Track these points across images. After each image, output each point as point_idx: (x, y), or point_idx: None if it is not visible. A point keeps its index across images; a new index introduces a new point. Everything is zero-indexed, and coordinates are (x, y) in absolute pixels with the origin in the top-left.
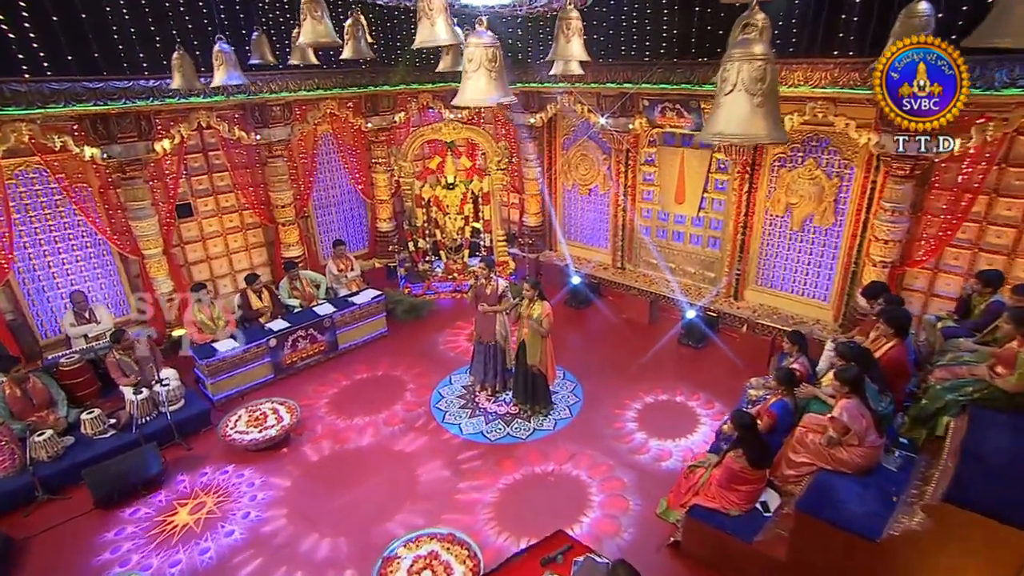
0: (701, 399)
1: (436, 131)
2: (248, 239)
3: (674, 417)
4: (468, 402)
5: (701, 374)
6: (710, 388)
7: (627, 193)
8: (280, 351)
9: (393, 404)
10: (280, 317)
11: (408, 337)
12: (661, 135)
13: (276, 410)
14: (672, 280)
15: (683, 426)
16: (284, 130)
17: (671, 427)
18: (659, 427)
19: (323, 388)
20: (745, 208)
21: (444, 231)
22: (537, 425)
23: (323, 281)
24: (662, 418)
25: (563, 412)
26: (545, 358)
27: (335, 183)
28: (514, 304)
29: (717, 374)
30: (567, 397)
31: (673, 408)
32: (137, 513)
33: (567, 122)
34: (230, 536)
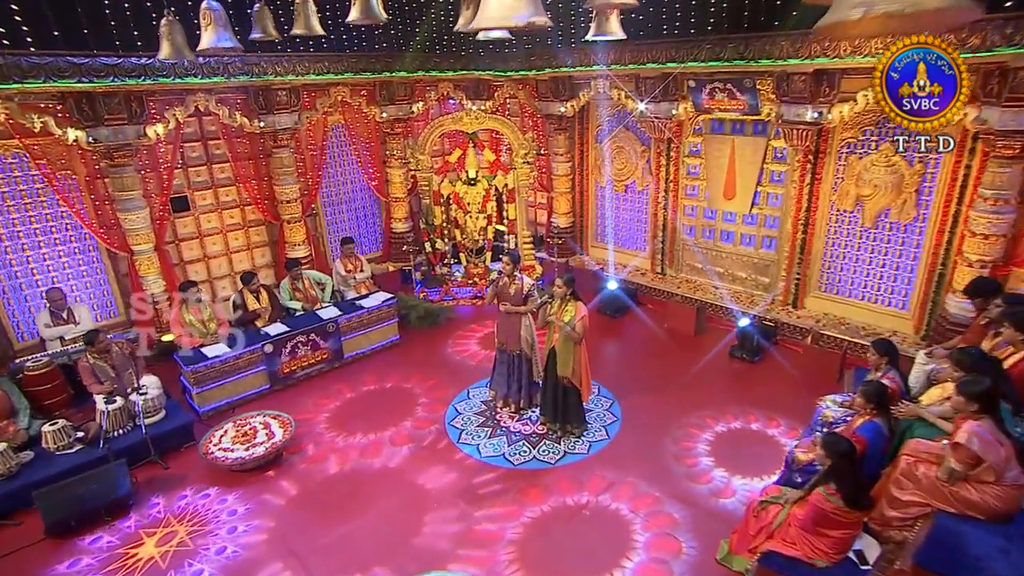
0: (782, 426)
1: (456, 121)
2: (250, 237)
3: (748, 445)
4: (488, 420)
5: (759, 392)
6: (774, 407)
7: (669, 189)
8: (277, 358)
9: (402, 420)
10: (279, 321)
11: (422, 346)
12: (708, 122)
13: (268, 425)
14: (721, 286)
15: (760, 457)
16: (290, 117)
17: (743, 457)
18: (726, 455)
19: (324, 401)
20: (807, 203)
21: (464, 231)
22: (568, 448)
23: (328, 282)
24: (729, 444)
25: (599, 433)
26: (579, 369)
27: (346, 178)
28: (542, 303)
29: (779, 392)
30: (603, 416)
31: (745, 434)
32: (98, 542)
33: (602, 111)
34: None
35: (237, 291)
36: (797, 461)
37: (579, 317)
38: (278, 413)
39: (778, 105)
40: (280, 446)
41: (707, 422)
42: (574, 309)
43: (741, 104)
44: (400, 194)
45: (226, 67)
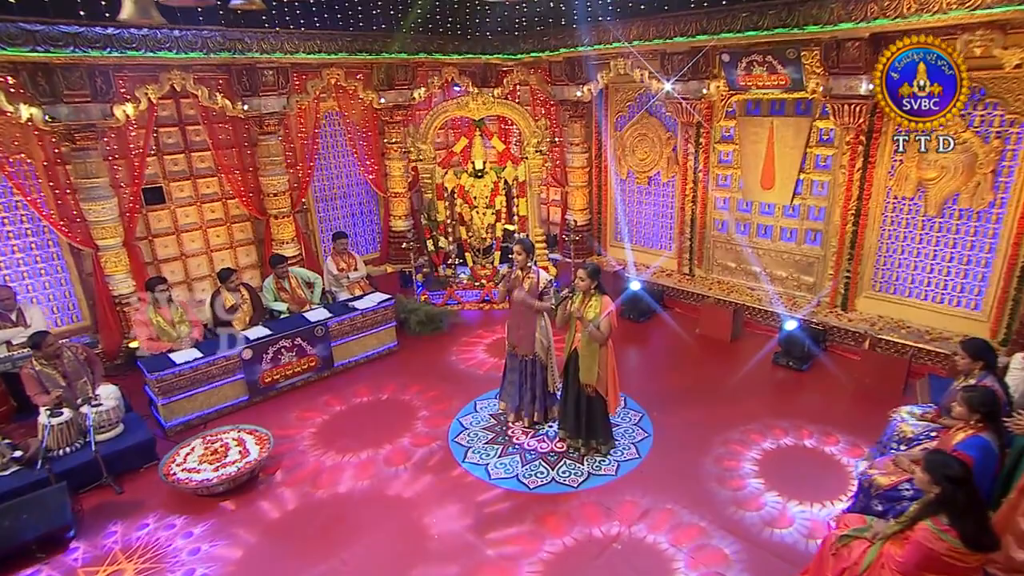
0: (842, 442)
1: (462, 107)
2: (233, 234)
3: (802, 465)
4: (498, 436)
5: (811, 403)
6: (830, 421)
7: (697, 180)
8: (257, 366)
9: (399, 437)
10: (260, 323)
11: (423, 353)
12: (742, 103)
13: (242, 441)
14: (766, 287)
15: (818, 478)
16: (278, 101)
17: (799, 479)
18: (777, 476)
19: (310, 414)
20: (858, 190)
21: (470, 229)
22: (593, 468)
23: (318, 282)
24: (780, 464)
25: (628, 451)
26: (605, 375)
27: (341, 171)
28: (563, 298)
29: (834, 404)
30: (631, 431)
31: (798, 452)
32: None
33: (622, 95)
34: None
35: (214, 290)
36: (876, 485)
37: (605, 313)
38: (255, 428)
39: (826, 78)
40: (255, 466)
41: (752, 438)
42: (599, 304)
43: (782, 79)
44: (400, 189)
45: (205, 42)
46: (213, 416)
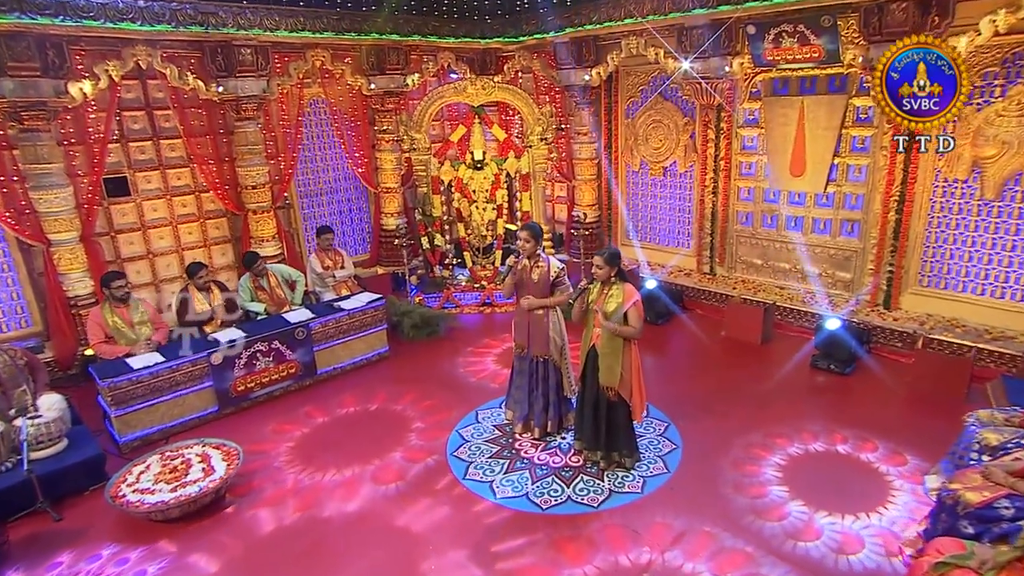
0: (881, 451)
1: (459, 92)
2: (207, 231)
3: (867, 481)
4: (504, 449)
5: (861, 410)
6: (891, 429)
7: (719, 169)
8: (229, 372)
9: (390, 451)
10: (234, 325)
11: (417, 360)
12: (768, 82)
13: (207, 457)
14: (797, 285)
15: (860, 490)
16: (257, 83)
17: (862, 495)
18: (832, 492)
19: (288, 427)
20: (902, 174)
21: (469, 226)
22: (615, 486)
23: (301, 280)
24: (821, 478)
25: (655, 466)
26: (629, 377)
27: (328, 164)
28: (581, 290)
29: (889, 411)
30: (656, 443)
31: (838, 463)
32: None
33: (634, 78)
34: None
35: (181, 287)
36: (965, 503)
37: (630, 303)
38: (222, 442)
39: (865, 48)
40: (221, 485)
41: (797, 449)
42: (620, 294)
43: (815, 51)
44: (392, 184)
45: (174, 14)
46: (177, 429)
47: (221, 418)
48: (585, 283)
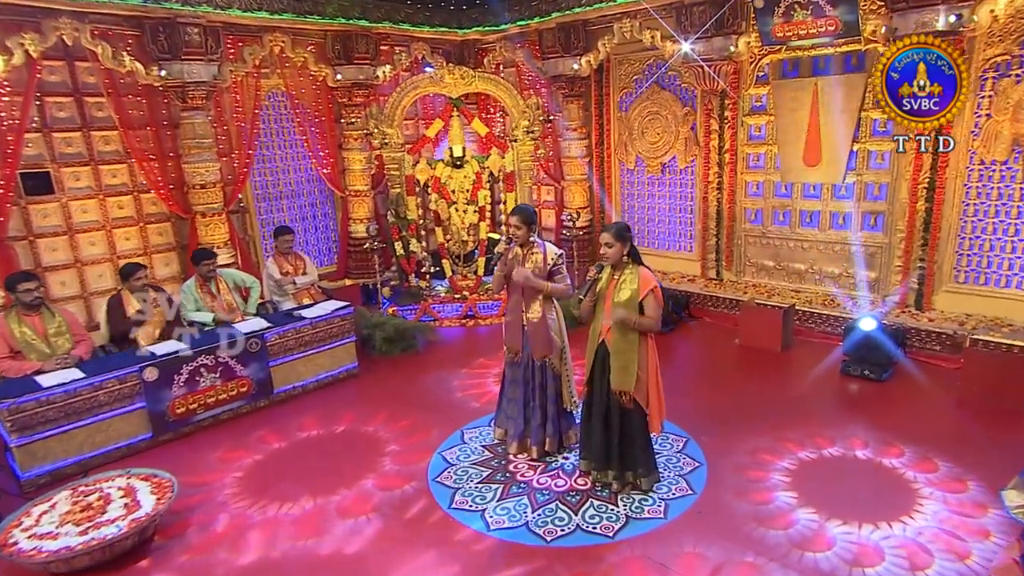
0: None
1: (436, 82)
2: (148, 237)
3: (895, 493)
4: (496, 472)
5: (911, 422)
6: (946, 442)
7: (723, 162)
8: (166, 391)
9: (360, 479)
10: (173, 336)
11: (391, 377)
12: (777, 63)
13: (131, 491)
14: (816, 288)
15: (931, 511)
16: (206, 69)
17: (893, 506)
18: (867, 509)
19: (237, 454)
20: (931, 158)
21: (449, 230)
22: (633, 511)
23: (256, 287)
24: (871, 495)
25: (676, 486)
26: (645, 378)
27: (289, 164)
28: (590, 284)
29: (942, 421)
30: (675, 460)
31: (887, 479)
32: None
33: (627, 67)
34: None
35: (113, 294)
36: None
37: (646, 291)
38: (153, 472)
39: (888, 17)
40: (147, 524)
41: (839, 464)
42: (635, 279)
43: (831, 23)
44: (361, 186)
45: None
46: (98, 461)
47: (156, 446)
48: (594, 273)
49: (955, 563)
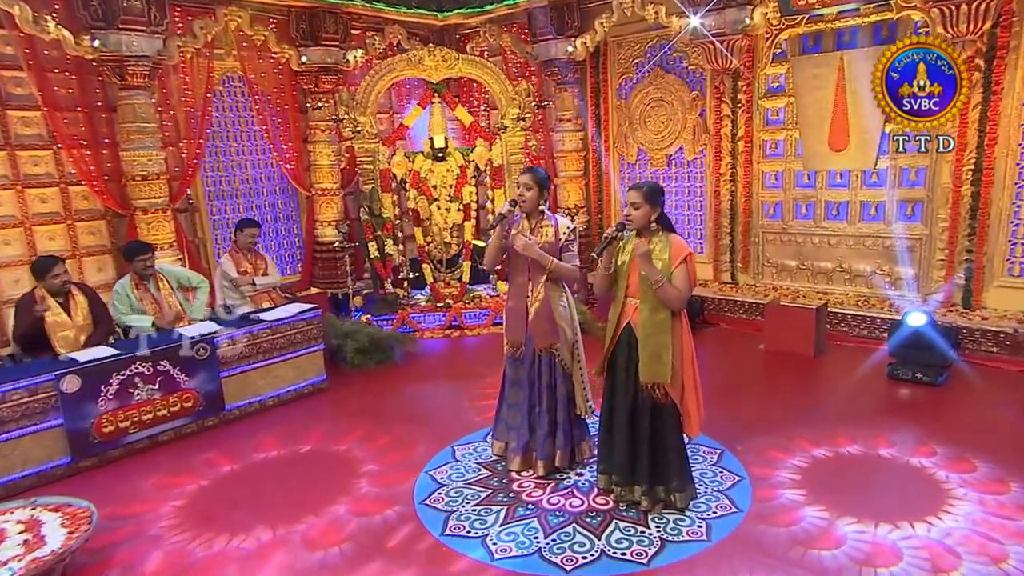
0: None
1: (415, 64)
2: (77, 237)
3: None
4: (498, 492)
5: (985, 429)
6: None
7: (737, 151)
8: (90, 406)
9: (331, 503)
10: (102, 342)
11: (366, 391)
12: (796, 38)
13: (35, 524)
14: (847, 289)
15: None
16: (149, 42)
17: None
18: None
19: (177, 480)
20: (977, 136)
21: (430, 231)
22: (666, 532)
23: (204, 287)
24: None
25: (717, 503)
26: (681, 368)
27: (246, 158)
28: (608, 241)
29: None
30: (711, 474)
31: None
32: None
33: (627, 51)
34: None
35: (25, 293)
36: None
37: (678, 260)
38: (66, 502)
39: None
40: (53, 564)
41: (907, 476)
42: (666, 247)
43: None
44: (329, 184)
45: None
46: None
47: (76, 473)
48: (614, 230)
49: (988, 566)
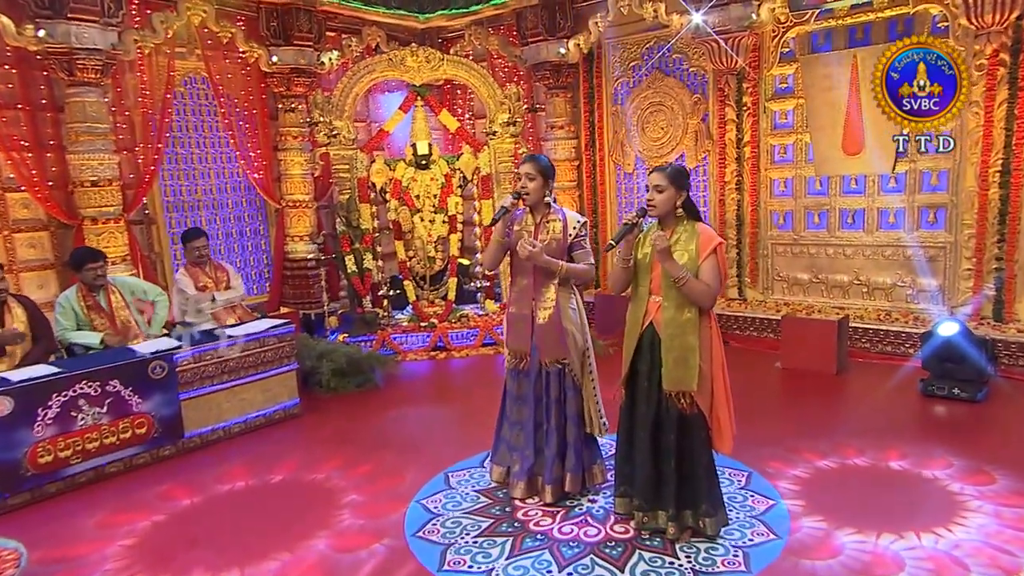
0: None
1: (396, 65)
2: (15, 250)
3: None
4: (502, 521)
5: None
6: None
7: (743, 158)
8: (24, 433)
9: (308, 538)
10: (41, 360)
11: (344, 417)
12: (805, 36)
13: None
14: (866, 303)
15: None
16: (102, 34)
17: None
18: None
19: (126, 517)
20: (1004, 135)
21: (412, 245)
22: (698, 563)
23: (162, 301)
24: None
25: (752, 529)
26: (709, 373)
27: (209, 166)
28: (626, 230)
29: None
30: (740, 498)
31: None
32: None
33: (623, 53)
34: None
35: None
36: None
37: (707, 252)
38: None
39: None
40: None
41: (960, 500)
42: (693, 238)
43: None
44: (301, 196)
45: None
46: None
47: (5, 511)
48: (633, 216)
49: None
